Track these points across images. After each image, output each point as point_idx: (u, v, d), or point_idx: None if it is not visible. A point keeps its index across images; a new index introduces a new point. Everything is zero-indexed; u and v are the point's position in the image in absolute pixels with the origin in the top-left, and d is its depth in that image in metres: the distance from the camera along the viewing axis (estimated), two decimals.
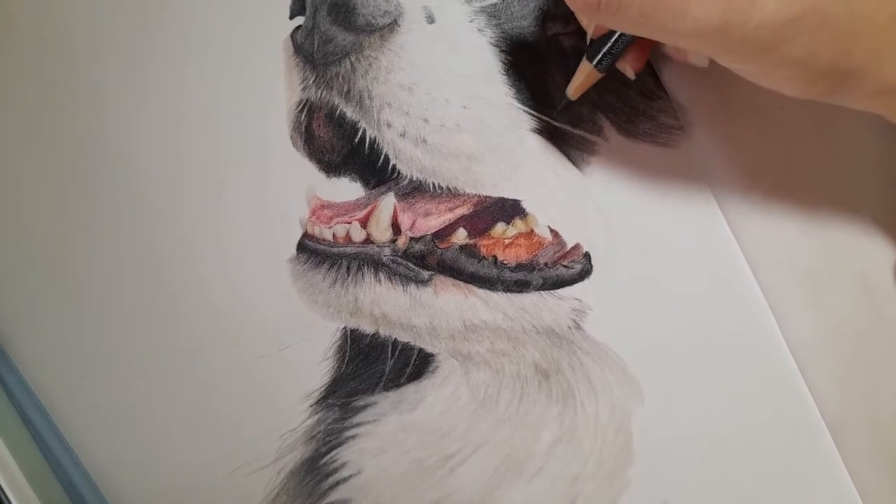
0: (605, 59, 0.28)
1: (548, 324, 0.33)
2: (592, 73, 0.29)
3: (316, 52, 0.33)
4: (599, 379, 0.33)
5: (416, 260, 0.34)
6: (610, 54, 0.28)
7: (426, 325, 0.34)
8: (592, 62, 0.29)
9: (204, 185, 0.37)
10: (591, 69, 0.29)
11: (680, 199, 0.32)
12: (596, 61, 0.28)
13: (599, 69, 0.29)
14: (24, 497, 0.37)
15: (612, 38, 0.28)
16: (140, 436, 0.39)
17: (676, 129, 0.32)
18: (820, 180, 0.31)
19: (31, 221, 0.39)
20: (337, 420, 0.36)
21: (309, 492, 0.36)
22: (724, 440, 0.32)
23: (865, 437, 0.31)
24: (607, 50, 0.28)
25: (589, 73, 0.29)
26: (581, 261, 0.33)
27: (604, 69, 0.29)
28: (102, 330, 0.39)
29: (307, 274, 0.35)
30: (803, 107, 0.30)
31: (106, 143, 0.38)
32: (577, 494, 0.34)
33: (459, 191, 0.33)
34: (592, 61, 0.29)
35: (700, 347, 0.32)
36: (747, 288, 0.32)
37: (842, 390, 0.31)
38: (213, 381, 0.38)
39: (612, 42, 0.28)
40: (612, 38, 0.28)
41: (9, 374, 0.40)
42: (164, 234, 0.38)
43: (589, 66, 0.29)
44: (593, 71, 0.29)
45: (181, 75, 0.37)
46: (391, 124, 0.32)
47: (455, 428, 0.35)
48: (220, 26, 0.36)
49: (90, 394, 0.39)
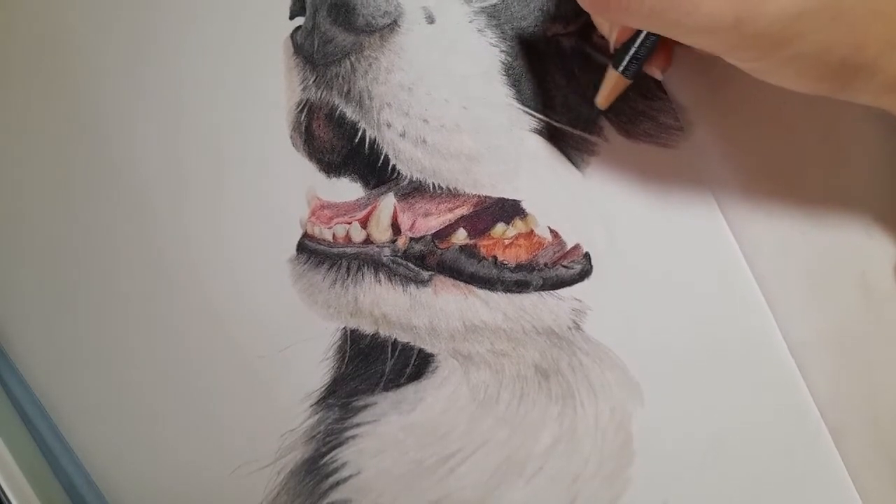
0: (632, 64, 0.28)
1: (548, 324, 0.33)
2: (620, 81, 0.29)
3: (316, 53, 0.33)
4: (599, 379, 0.33)
5: (416, 260, 0.34)
6: (635, 60, 0.28)
7: (426, 326, 0.34)
8: (618, 69, 0.28)
9: (204, 186, 0.37)
10: (619, 76, 0.29)
11: (680, 200, 0.32)
12: (622, 68, 0.28)
13: (626, 75, 0.28)
14: (24, 497, 0.37)
15: (635, 44, 0.27)
16: (140, 436, 0.39)
17: (676, 129, 0.32)
18: (820, 180, 0.31)
19: (32, 222, 0.39)
20: (337, 420, 0.36)
21: (309, 492, 0.36)
22: (723, 440, 0.32)
23: (865, 437, 0.31)
24: (633, 55, 0.28)
25: (616, 80, 0.29)
26: (581, 261, 0.33)
27: (631, 75, 0.28)
28: (102, 330, 0.39)
29: (307, 274, 0.35)
30: (804, 107, 0.30)
31: (106, 143, 0.38)
32: (577, 494, 0.34)
33: (459, 191, 0.33)
34: (618, 68, 0.28)
35: (700, 348, 0.32)
36: (747, 288, 0.32)
37: (842, 390, 0.31)
38: (214, 381, 0.38)
39: (637, 47, 0.27)
40: (635, 44, 0.27)
41: (9, 374, 0.40)
42: (163, 235, 0.38)
43: (616, 74, 0.29)
44: (621, 78, 0.29)
45: (181, 76, 0.37)
46: (391, 124, 0.32)
47: (455, 428, 0.35)
48: (220, 27, 0.36)
49: (90, 394, 0.39)
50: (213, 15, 0.36)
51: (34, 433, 0.40)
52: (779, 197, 0.32)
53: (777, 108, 0.31)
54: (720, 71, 0.26)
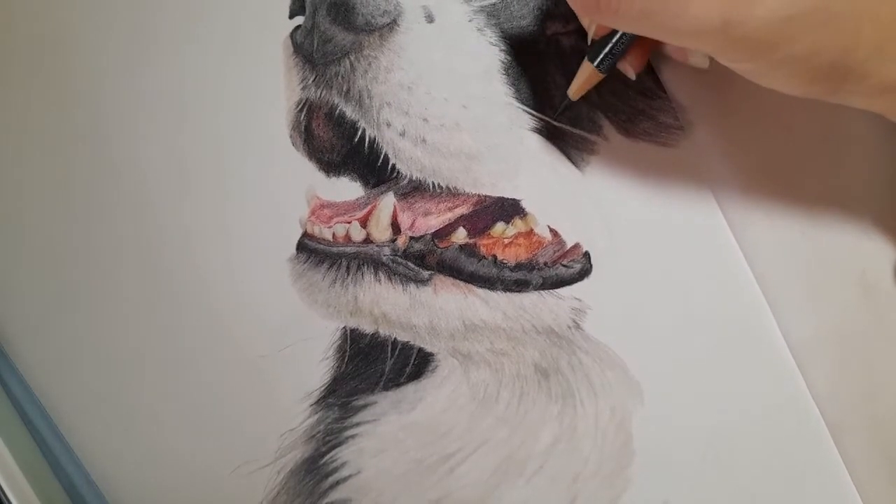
0: (607, 59, 0.28)
1: (547, 323, 0.33)
2: (594, 74, 0.29)
3: (315, 52, 0.33)
4: (599, 378, 0.33)
5: (416, 259, 0.34)
6: (611, 55, 0.28)
7: (426, 325, 0.34)
8: (594, 63, 0.28)
9: (204, 185, 0.37)
10: (593, 70, 0.29)
11: (680, 199, 0.32)
12: (597, 62, 0.28)
13: (601, 70, 0.29)
14: (24, 497, 0.37)
15: (612, 39, 0.28)
16: (140, 436, 0.39)
17: (676, 128, 0.32)
18: (820, 180, 0.31)
19: (32, 222, 0.39)
20: (337, 419, 0.36)
21: (309, 491, 0.36)
22: (723, 440, 0.32)
23: (865, 436, 0.31)
24: (608, 51, 0.28)
25: (590, 73, 0.29)
26: (581, 260, 0.33)
27: (605, 70, 0.29)
28: (102, 330, 0.39)
29: (307, 273, 0.35)
30: (804, 106, 0.30)
31: (106, 142, 0.38)
32: (577, 494, 0.34)
33: (459, 190, 0.33)
34: (594, 62, 0.28)
35: (700, 346, 0.32)
36: (747, 288, 0.32)
37: (842, 390, 0.31)
38: (213, 380, 0.38)
39: (613, 43, 0.28)
40: (612, 39, 0.28)
41: (9, 374, 0.40)
42: (163, 235, 0.38)
43: (590, 67, 0.29)
44: (595, 72, 0.29)
45: (181, 75, 0.37)
46: (391, 124, 0.32)
47: (455, 427, 0.35)
48: (219, 26, 0.36)
49: (90, 394, 0.39)
50: (213, 14, 0.36)
51: (34, 433, 0.40)
52: (779, 196, 0.32)
53: (777, 108, 0.31)
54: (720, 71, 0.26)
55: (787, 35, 0.22)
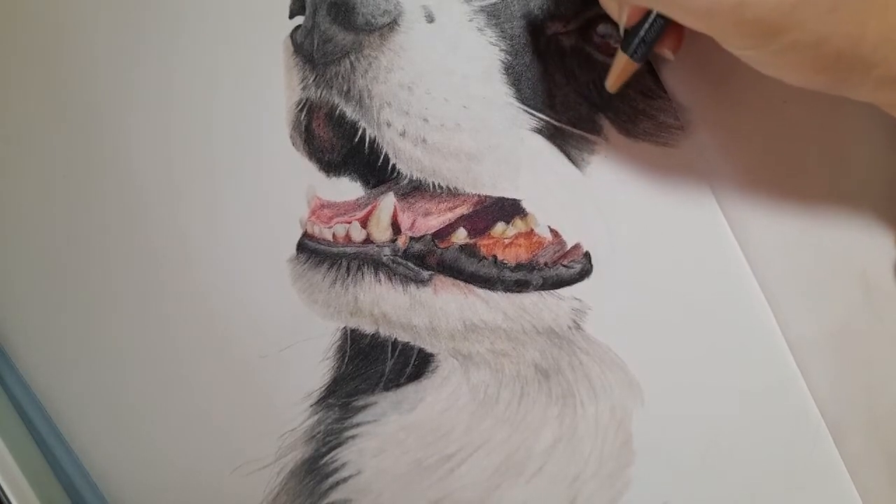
0: (640, 47, 0.28)
1: (548, 324, 0.33)
2: (629, 64, 0.29)
3: (315, 52, 0.33)
4: (599, 379, 0.33)
5: (416, 260, 0.34)
6: (644, 42, 0.27)
7: (426, 325, 0.34)
8: (627, 52, 0.28)
9: (203, 186, 0.37)
10: (627, 60, 0.28)
11: (680, 199, 0.32)
12: (631, 51, 0.28)
13: (635, 58, 0.28)
14: (24, 497, 0.37)
15: (644, 26, 0.27)
16: (140, 436, 0.39)
17: (676, 128, 0.32)
18: (820, 180, 0.31)
19: (31, 222, 0.39)
20: (337, 420, 0.36)
21: (309, 492, 0.36)
22: (724, 440, 0.32)
23: (865, 437, 0.31)
24: (641, 38, 0.27)
25: (626, 64, 0.29)
26: (581, 260, 0.33)
27: (640, 58, 0.28)
28: (102, 330, 0.39)
29: (307, 274, 0.35)
30: (804, 106, 0.30)
31: (103, 143, 0.38)
32: (577, 494, 0.34)
33: (459, 190, 0.33)
34: (627, 51, 0.28)
35: (700, 347, 0.32)
36: (747, 288, 0.32)
37: (842, 390, 0.31)
38: (213, 381, 0.38)
39: (646, 29, 0.27)
40: (644, 26, 0.27)
41: (9, 374, 0.40)
42: (163, 235, 0.38)
43: (625, 57, 0.28)
44: (630, 62, 0.28)
45: (180, 75, 0.37)
46: (391, 124, 0.32)
47: (455, 428, 0.35)
48: (219, 26, 0.36)
49: (90, 394, 0.39)
50: (213, 14, 0.36)
51: (34, 433, 0.40)
52: (779, 196, 0.32)
53: (778, 108, 0.31)
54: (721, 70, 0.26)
55: (796, 20, 0.22)
